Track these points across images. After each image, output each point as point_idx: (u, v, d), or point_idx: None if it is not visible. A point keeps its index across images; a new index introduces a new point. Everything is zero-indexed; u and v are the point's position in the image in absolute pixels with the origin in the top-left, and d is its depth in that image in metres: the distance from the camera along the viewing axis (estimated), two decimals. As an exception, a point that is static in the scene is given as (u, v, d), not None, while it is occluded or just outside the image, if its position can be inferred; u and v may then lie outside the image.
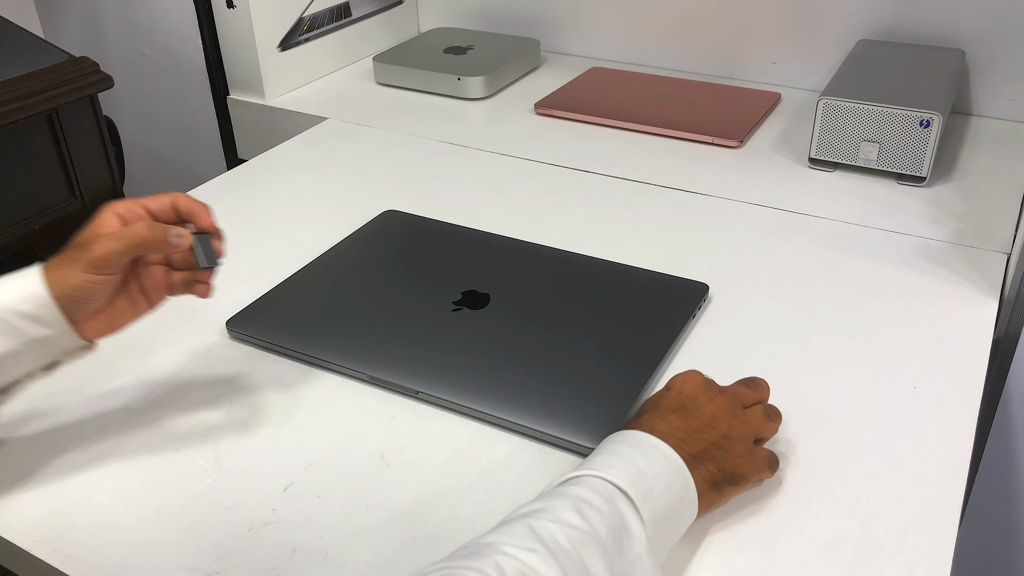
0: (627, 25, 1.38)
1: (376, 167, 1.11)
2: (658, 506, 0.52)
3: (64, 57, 1.16)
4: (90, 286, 0.58)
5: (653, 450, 0.55)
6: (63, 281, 0.57)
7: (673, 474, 0.54)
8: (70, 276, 0.57)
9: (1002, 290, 0.82)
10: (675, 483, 0.54)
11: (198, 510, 0.61)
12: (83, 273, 0.57)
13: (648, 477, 0.53)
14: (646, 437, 0.56)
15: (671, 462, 0.55)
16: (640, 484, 0.52)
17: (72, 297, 0.57)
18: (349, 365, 0.73)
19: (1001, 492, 0.94)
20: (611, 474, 0.52)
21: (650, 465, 0.54)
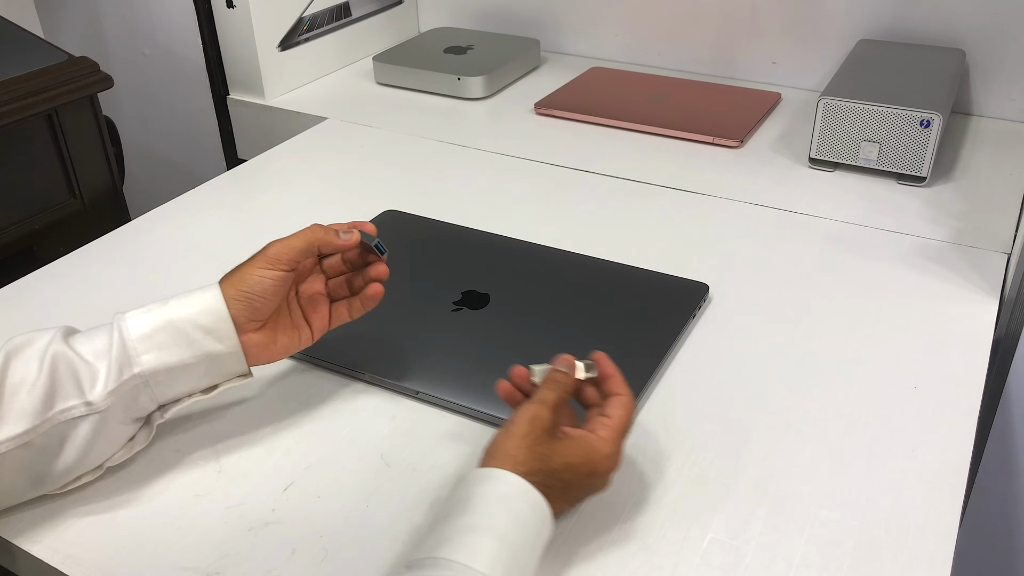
0: (627, 25, 1.38)
1: (376, 167, 1.11)
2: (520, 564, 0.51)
3: (64, 57, 1.16)
4: (264, 280, 0.61)
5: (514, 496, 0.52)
6: (236, 286, 0.61)
7: (532, 512, 0.52)
8: (245, 275, 0.62)
9: (1002, 290, 0.82)
10: (539, 534, 0.52)
11: (198, 510, 0.61)
12: (258, 268, 0.62)
13: (511, 543, 0.50)
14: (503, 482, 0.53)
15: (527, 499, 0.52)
16: (512, 573, 0.49)
17: (245, 295, 0.61)
18: (349, 365, 0.73)
19: (1001, 492, 0.94)
20: (472, 561, 0.48)
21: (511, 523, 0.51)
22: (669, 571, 0.56)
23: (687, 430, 0.67)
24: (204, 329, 0.60)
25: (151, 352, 0.59)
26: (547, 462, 0.54)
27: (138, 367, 0.58)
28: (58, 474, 0.59)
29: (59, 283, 0.88)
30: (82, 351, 0.59)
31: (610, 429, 0.57)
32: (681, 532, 0.59)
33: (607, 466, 0.57)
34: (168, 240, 0.95)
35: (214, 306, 0.60)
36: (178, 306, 0.60)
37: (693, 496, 0.62)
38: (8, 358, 0.57)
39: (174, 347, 0.59)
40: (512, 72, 1.35)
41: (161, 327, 0.59)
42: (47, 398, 0.56)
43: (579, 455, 0.55)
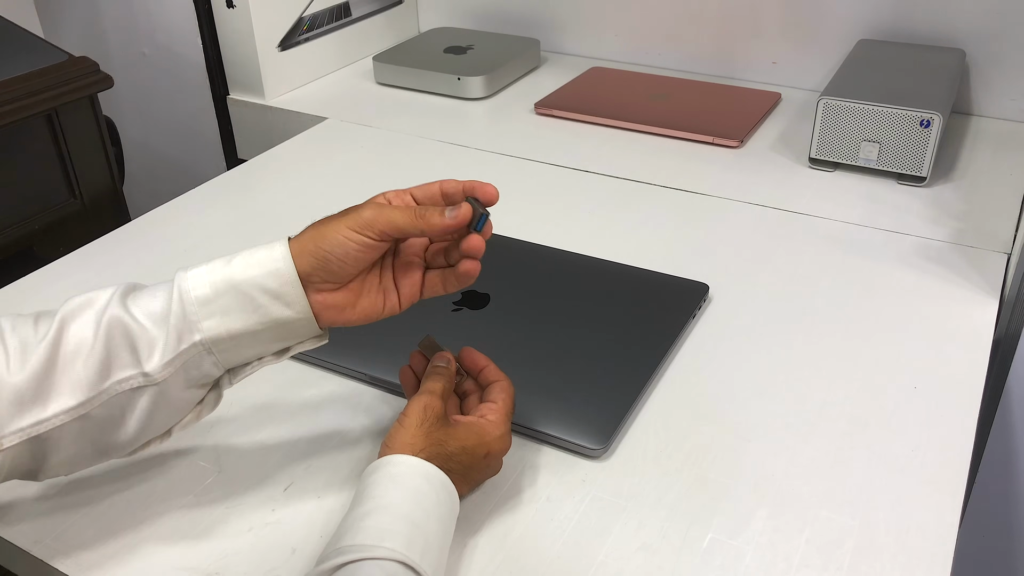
0: (627, 25, 1.38)
1: (376, 167, 1.11)
2: (434, 543, 0.52)
3: (64, 57, 1.16)
4: (347, 243, 0.54)
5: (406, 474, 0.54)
6: (315, 241, 0.54)
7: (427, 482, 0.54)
8: (328, 232, 0.54)
9: (1002, 290, 0.82)
10: (441, 501, 0.54)
11: (198, 510, 0.61)
12: (345, 228, 0.54)
13: (408, 516, 0.51)
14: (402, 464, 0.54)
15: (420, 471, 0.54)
16: (416, 540, 0.50)
17: (323, 254, 0.54)
18: (349, 365, 0.73)
19: (1001, 492, 0.94)
20: (388, 549, 0.49)
21: (406, 498, 0.52)
22: (669, 571, 0.56)
23: (687, 430, 0.67)
24: (271, 293, 0.54)
25: (213, 318, 0.53)
26: (444, 446, 0.56)
27: (199, 334, 0.53)
28: (122, 444, 0.55)
29: (59, 283, 0.88)
30: (139, 314, 0.54)
31: (497, 413, 0.60)
32: (681, 532, 0.59)
33: (500, 447, 0.59)
34: (168, 240, 0.95)
35: (281, 268, 0.54)
36: (242, 266, 0.54)
37: (693, 496, 0.62)
38: (64, 323, 0.53)
39: (238, 312, 0.54)
40: (512, 72, 1.35)
41: (224, 290, 0.53)
42: (103, 368, 0.52)
43: (473, 438, 0.58)
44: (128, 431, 0.54)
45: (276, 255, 0.54)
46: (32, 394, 0.52)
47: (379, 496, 0.52)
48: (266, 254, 0.54)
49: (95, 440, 0.54)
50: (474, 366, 0.64)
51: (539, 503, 0.61)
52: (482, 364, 0.64)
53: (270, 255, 0.54)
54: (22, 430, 0.52)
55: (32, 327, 0.53)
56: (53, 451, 0.53)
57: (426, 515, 0.52)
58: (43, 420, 0.52)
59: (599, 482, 0.63)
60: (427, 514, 0.52)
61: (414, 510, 0.52)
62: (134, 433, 0.55)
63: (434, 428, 0.57)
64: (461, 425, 0.59)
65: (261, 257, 0.54)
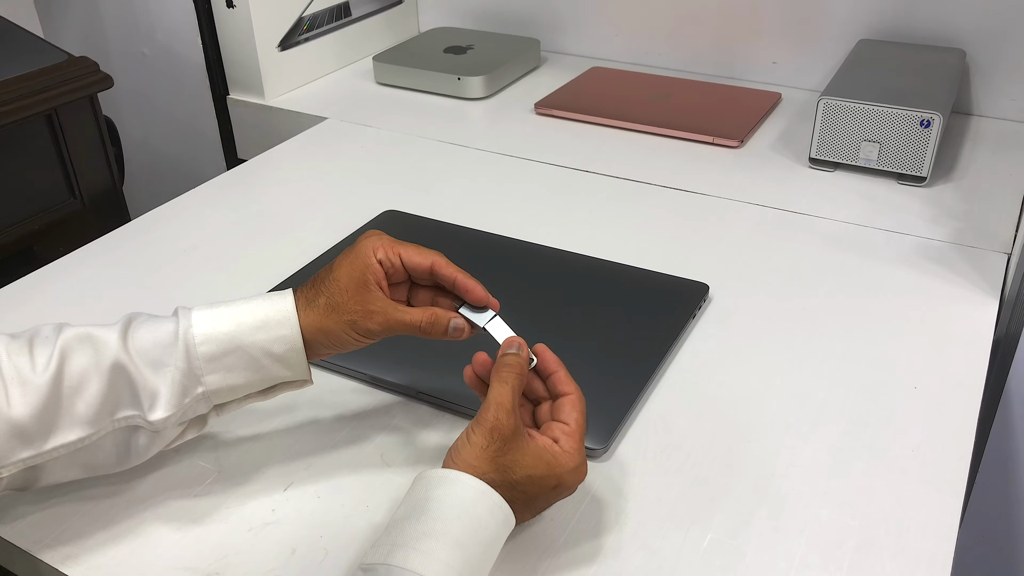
0: (627, 25, 1.38)
1: (376, 167, 1.11)
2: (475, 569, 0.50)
3: (64, 57, 1.16)
4: (359, 346, 0.59)
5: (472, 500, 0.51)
6: (325, 328, 0.58)
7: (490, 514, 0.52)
8: (334, 327, 0.58)
9: (1002, 290, 0.82)
10: (499, 536, 0.52)
11: (198, 510, 0.61)
12: (352, 333, 0.58)
13: (466, 548, 0.50)
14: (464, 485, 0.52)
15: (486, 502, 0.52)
16: (455, 564, 0.49)
17: (325, 345, 0.58)
18: (349, 365, 0.73)
19: (1001, 492, 0.94)
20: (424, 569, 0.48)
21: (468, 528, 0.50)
22: (669, 571, 0.56)
23: (687, 430, 0.67)
24: (275, 358, 0.57)
25: (217, 374, 0.56)
26: (509, 474, 0.53)
27: (202, 387, 0.56)
28: (111, 466, 0.58)
29: (59, 283, 0.88)
30: (141, 362, 0.55)
31: (571, 439, 0.55)
32: (681, 532, 0.59)
33: (572, 480, 0.55)
34: (168, 240, 0.95)
35: (288, 335, 0.57)
36: (251, 328, 0.57)
37: (693, 496, 0.62)
38: (64, 356, 0.54)
39: (241, 371, 0.57)
40: (512, 72, 1.35)
41: (230, 350, 0.56)
42: (104, 407, 0.55)
43: (542, 468, 0.54)
44: (120, 459, 0.58)
45: (283, 319, 0.57)
46: (33, 429, 0.53)
47: (441, 519, 0.50)
48: (274, 317, 0.57)
49: (87, 464, 0.57)
50: (544, 369, 0.59)
51: (539, 503, 0.61)
52: (552, 369, 0.59)
53: (276, 318, 0.57)
54: (22, 460, 0.54)
55: (28, 355, 0.54)
56: (46, 475, 0.56)
57: (481, 550, 0.50)
58: (42, 453, 0.54)
59: (599, 482, 0.63)
60: (482, 549, 0.50)
61: (472, 543, 0.50)
62: (126, 460, 0.58)
63: (500, 452, 0.53)
64: (531, 450, 0.54)
65: (268, 319, 0.57)
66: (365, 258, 0.59)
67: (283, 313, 0.57)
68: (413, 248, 0.60)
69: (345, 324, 0.58)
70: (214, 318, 0.57)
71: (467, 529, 0.50)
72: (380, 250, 0.59)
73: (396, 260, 0.59)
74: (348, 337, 0.58)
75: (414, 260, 0.60)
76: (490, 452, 0.53)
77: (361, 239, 0.60)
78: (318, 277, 0.60)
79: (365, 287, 0.58)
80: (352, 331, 0.58)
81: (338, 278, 0.58)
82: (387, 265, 0.59)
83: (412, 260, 0.60)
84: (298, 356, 0.58)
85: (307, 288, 0.59)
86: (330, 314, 0.58)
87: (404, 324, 0.58)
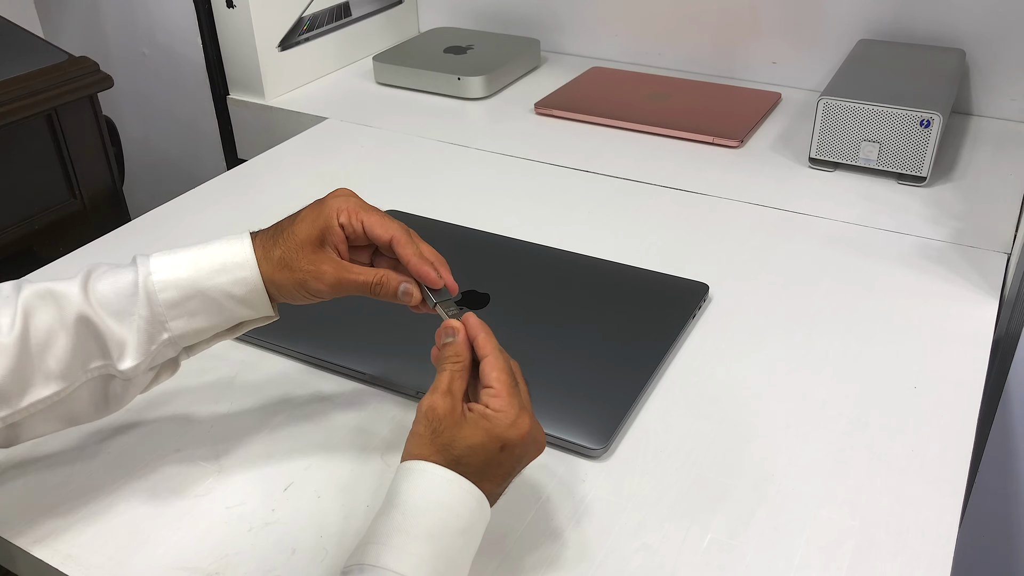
0: (627, 25, 1.38)
1: (376, 167, 1.11)
2: (457, 568, 0.50)
3: (64, 57, 1.16)
4: (310, 301, 0.60)
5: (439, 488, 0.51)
6: (276, 281, 0.58)
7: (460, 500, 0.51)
8: (285, 283, 0.58)
9: (1002, 290, 0.82)
10: (463, 512, 0.51)
11: (198, 510, 0.61)
12: (301, 291, 0.59)
13: (438, 538, 0.49)
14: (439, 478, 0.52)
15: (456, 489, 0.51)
16: (439, 570, 0.49)
17: (281, 295, 0.59)
18: (349, 365, 0.73)
19: (1001, 492, 0.94)
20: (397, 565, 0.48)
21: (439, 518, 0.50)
22: (669, 571, 0.56)
23: (687, 430, 0.67)
24: (236, 299, 0.58)
25: (181, 319, 0.57)
26: (451, 451, 0.52)
27: (167, 333, 0.57)
28: (90, 416, 0.59)
29: (59, 283, 0.87)
30: (104, 314, 0.56)
31: (498, 398, 0.54)
32: (681, 532, 0.59)
33: (515, 434, 0.53)
34: (168, 240, 0.95)
35: (248, 276, 0.58)
36: (209, 271, 0.57)
37: (693, 496, 0.62)
38: (28, 314, 0.54)
39: (204, 314, 0.58)
40: (512, 72, 1.35)
41: (191, 295, 0.57)
42: (74, 359, 0.55)
43: (479, 435, 0.53)
44: (97, 408, 0.59)
45: (241, 261, 0.58)
46: (7, 389, 0.54)
47: (411, 513, 0.50)
48: (232, 259, 0.58)
49: (66, 415, 0.58)
50: (469, 336, 0.57)
51: (539, 503, 0.61)
52: (474, 334, 0.57)
53: (235, 260, 0.58)
54: (0, 419, 0.54)
55: None
56: (26, 431, 0.57)
57: (453, 540, 0.50)
58: (18, 410, 0.55)
59: (599, 482, 0.63)
60: (454, 539, 0.50)
61: (444, 533, 0.50)
62: (102, 409, 0.59)
63: (437, 434, 0.53)
64: (465, 422, 0.53)
65: (226, 262, 0.58)
66: (328, 219, 0.59)
67: (241, 255, 0.58)
68: (376, 217, 0.60)
69: (295, 283, 0.58)
70: (173, 264, 0.57)
71: (437, 520, 0.50)
72: (344, 214, 0.59)
73: (358, 227, 0.59)
74: (298, 294, 0.59)
75: (375, 231, 0.60)
76: (428, 437, 0.53)
77: (330, 196, 0.61)
78: (280, 225, 0.60)
79: (321, 247, 0.59)
80: (302, 290, 0.59)
81: (296, 232, 0.59)
82: (349, 230, 0.59)
83: (373, 231, 0.60)
84: (260, 296, 0.58)
85: (266, 235, 0.60)
86: (282, 270, 0.58)
87: (354, 284, 0.59)
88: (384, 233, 0.60)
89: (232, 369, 0.75)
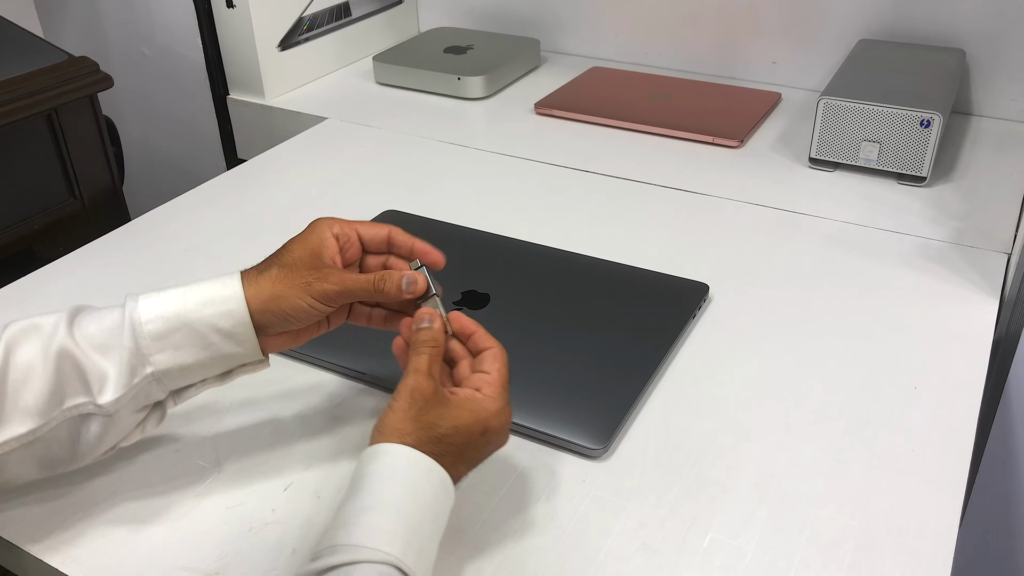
0: (627, 25, 1.38)
1: (376, 167, 1.11)
2: (428, 545, 0.50)
3: (64, 57, 1.16)
4: (313, 312, 0.58)
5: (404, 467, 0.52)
6: (274, 303, 0.57)
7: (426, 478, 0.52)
8: (288, 298, 0.57)
9: (1002, 290, 0.82)
10: (438, 499, 0.52)
11: (198, 510, 0.61)
12: (309, 298, 0.58)
13: (407, 515, 0.50)
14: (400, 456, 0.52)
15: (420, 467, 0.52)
16: (412, 543, 0.49)
17: (278, 316, 0.58)
18: (349, 365, 0.73)
19: (1001, 492, 0.94)
20: (384, 553, 0.48)
21: (405, 495, 0.50)
22: (669, 571, 0.56)
23: (687, 430, 0.67)
24: (223, 333, 0.57)
25: (165, 352, 0.56)
26: (434, 429, 0.53)
27: (151, 367, 0.56)
28: (67, 461, 0.57)
29: (59, 283, 0.88)
30: (87, 346, 0.55)
31: (493, 385, 0.56)
32: (681, 532, 0.59)
33: (498, 422, 0.55)
34: (168, 240, 0.95)
35: (234, 309, 0.57)
36: (196, 303, 0.57)
37: (693, 496, 0.62)
38: (9, 349, 0.54)
39: (189, 348, 0.57)
40: (512, 72, 1.35)
41: (176, 327, 0.56)
42: (53, 396, 0.54)
43: (467, 416, 0.54)
44: (75, 451, 0.57)
45: (229, 294, 0.57)
46: None
47: (377, 491, 0.51)
48: (219, 293, 0.57)
49: (41, 459, 0.56)
50: (463, 331, 0.60)
51: (539, 503, 0.61)
52: (471, 329, 0.60)
53: (223, 294, 0.57)
54: None
55: None
56: (1, 472, 0.55)
57: (422, 515, 0.51)
58: None
59: (599, 482, 0.63)
60: (423, 514, 0.51)
61: (412, 509, 0.51)
62: (81, 453, 0.57)
63: (423, 411, 0.54)
64: (454, 403, 0.55)
65: (214, 296, 0.57)
66: (320, 233, 0.60)
67: (229, 289, 0.58)
68: (367, 223, 0.63)
69: (299, 287, 0.58)
70: (161, 299, 0.57)
71: (404, 496, 0.51)
72: (336, 226, 0.61)
73: (352, 234, 0.61)
74: (303, 303, 0.57)
75: (371, 231, 0.62)
76: (412, 413, 0.54)
77: (313, 222, 0.62)
78: (269, 259, 0.60)
79: (319, 258, 0.59)
80: (306, 294, 0.57)
81: (291, 250, 0.60)
82: (343, 239, 0.61)
83: (369, 231, 0.62)
84: (246, 330, 0.57)
85: (256, 266, 0.60)
86: (283, 279, 0.58)
87: (359, 285, 0.59)
88: (381, 230, 0.62)
89: (232, 369, 0.75)
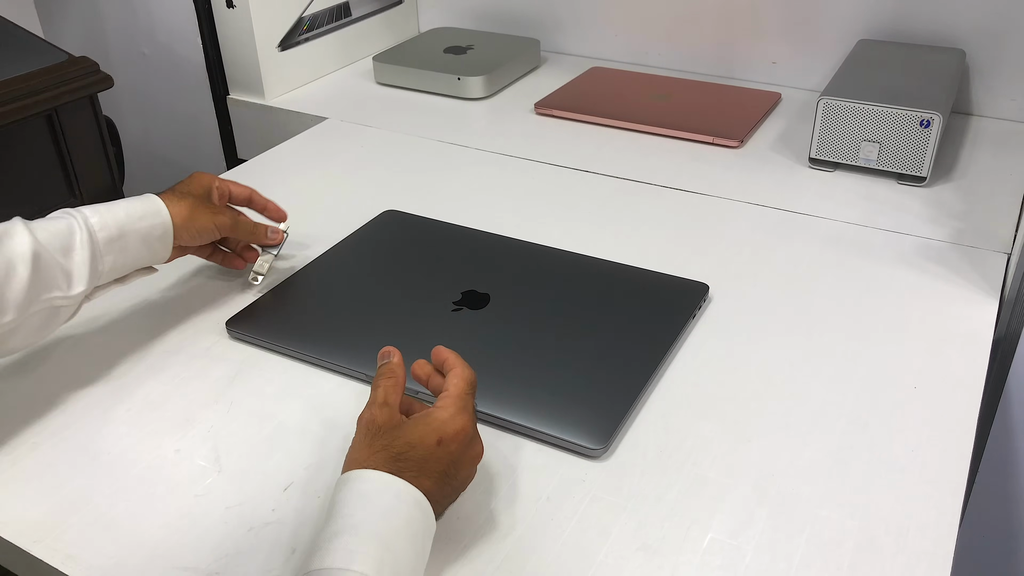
0: (627, 25, 1.38)
1: (376, 167, 1.11)
2: (404, 563, 0.50)
3: (64, 57, 1.16)
4: (213, 234, 0.79)
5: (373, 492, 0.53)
6: (188, 218, 0.76)
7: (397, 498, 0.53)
8: (203, 220, 0.77)
9: (1002, 290, 0.82)
10: (413, 518, 0.53)
11: (198, 510, 0.61)
12: (214, 224, 0.78)
13: (379, 535, 0.50)
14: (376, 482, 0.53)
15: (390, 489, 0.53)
16: (386, 561, 0.49)
17: (194, 232, 0.77)
18: (349, 365, 0.73)
19: (1001, 492, 0.94)
20: (357, 573, 0.48)
21: (376, 516, 0.51)
22: (669, 571, 0.56)
23: (687, 430, 0.67)
24: (153, 241, 0.73)
25: (112, 255, 0.70)
26: (389, 450, 0.55)
27: (102, 267, 0.70)
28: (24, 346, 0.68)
29: (59, 283, 0.87)
30: (53, 249, 0.67)
31: (447, 398, 0.58)
32: (681, 532, 0.59)
33: (451, 429, 0.56)
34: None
35: (165, 223, 0.74)
36: (135, 217, 0.72)
37: (693, 496, 0.62)
38: None
39: (129, 252, 0.71)
40: (512, 72, 1.35)
41: (123, 235, 0.71)
42: (33, 290, 0.64)
43: (420, 430, 0.56)
44: (40, 334, 0.68)
45: (157, 210, 0.74)
46: None
47: (348, 515, 0.51)
48: (150, 208, 0.74)
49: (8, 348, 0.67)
50: (440, 363, 0.62)
51: (539, 503, 0.61)
52: (443, 357, 0.62)
53: (153, 209, 0.74)
54: None
55: None
56: None
57: (396, 534, 0.51)
58: None
59: (599, 482, 0.63)
60: (396, 533, 0.51)
61: (383, 529, 0.51)
62: (41, 336, 0.68)
63: (377, 437, 0.56)
64: (407, 423, 0.57)
65: (147, 210, 0.73)
66: (209, 182, 0.79)
67: (157, 206, 0.74)
68: (234, 182, 0.83)
69: (208, 213, 0.78)
70: (104, 210, 0.71)
71: (375, 518, 0.51)
72: (216, 180, 0.80)
73: (226, 188, 0.81)
74: (211, 224, 0.78)
75: (237, 188, 0.82)
76: (367, 441, 0.56)
77: (196, 173, 0.80)
78: (176, 187, 0.79)
79: (210, 198, 0.79)
80: (212, 220, 0.78)
81: (193, 188, 0.79)
82: (221, 190, 0.80)
83: (236, 188, 0.82)
84: (169, 240, 0.75)
85: (170, 192, 0.77)
86: (197, 206, 0.77)
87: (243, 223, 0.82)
88: (245, 190, 0.83)
89: (232, 369, 0.75)
